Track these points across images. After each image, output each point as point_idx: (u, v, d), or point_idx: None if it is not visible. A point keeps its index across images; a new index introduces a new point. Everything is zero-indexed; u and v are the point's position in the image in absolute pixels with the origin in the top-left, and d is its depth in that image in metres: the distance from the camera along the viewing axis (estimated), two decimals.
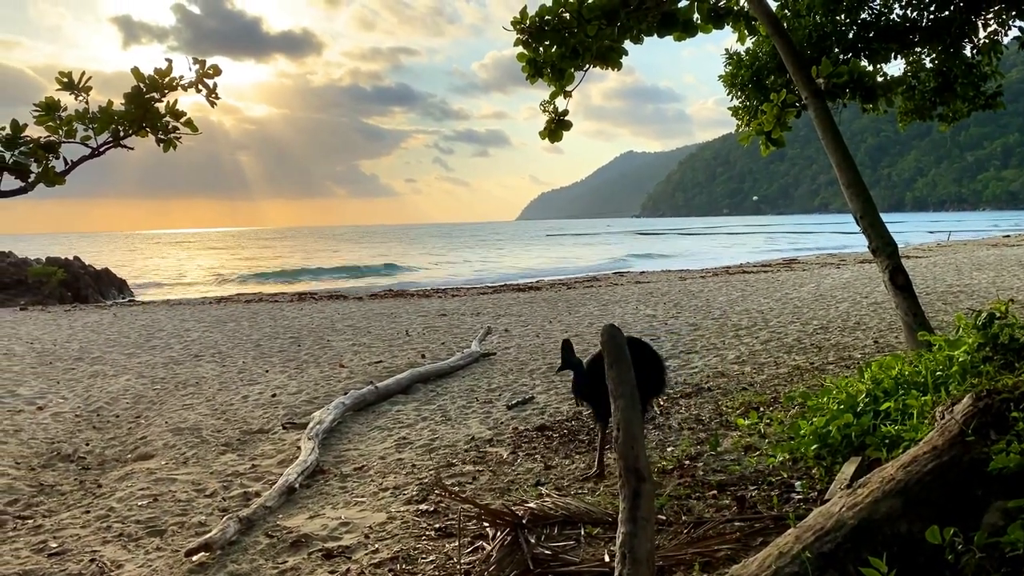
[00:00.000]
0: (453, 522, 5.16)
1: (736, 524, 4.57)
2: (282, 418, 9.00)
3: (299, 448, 7.50)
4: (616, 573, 3.30)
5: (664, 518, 4.76)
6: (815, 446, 5.45)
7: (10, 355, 14.69)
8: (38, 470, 7.61)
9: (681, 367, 10.49)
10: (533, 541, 4.41)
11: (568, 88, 9.67)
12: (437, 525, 5.19)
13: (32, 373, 12.75)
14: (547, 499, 5.08)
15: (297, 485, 6.31)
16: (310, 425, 7.99)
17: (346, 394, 9.52)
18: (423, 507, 5.60)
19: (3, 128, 5.71)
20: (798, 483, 5.10)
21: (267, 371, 12.29)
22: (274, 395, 10.35)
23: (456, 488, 5.96)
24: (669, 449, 6.43)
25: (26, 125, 5.83)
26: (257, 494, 6.32)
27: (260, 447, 7.95)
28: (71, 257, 34.05)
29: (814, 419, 5.70)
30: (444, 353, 13.02)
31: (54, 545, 5.50)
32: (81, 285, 31.08)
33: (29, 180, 6.03)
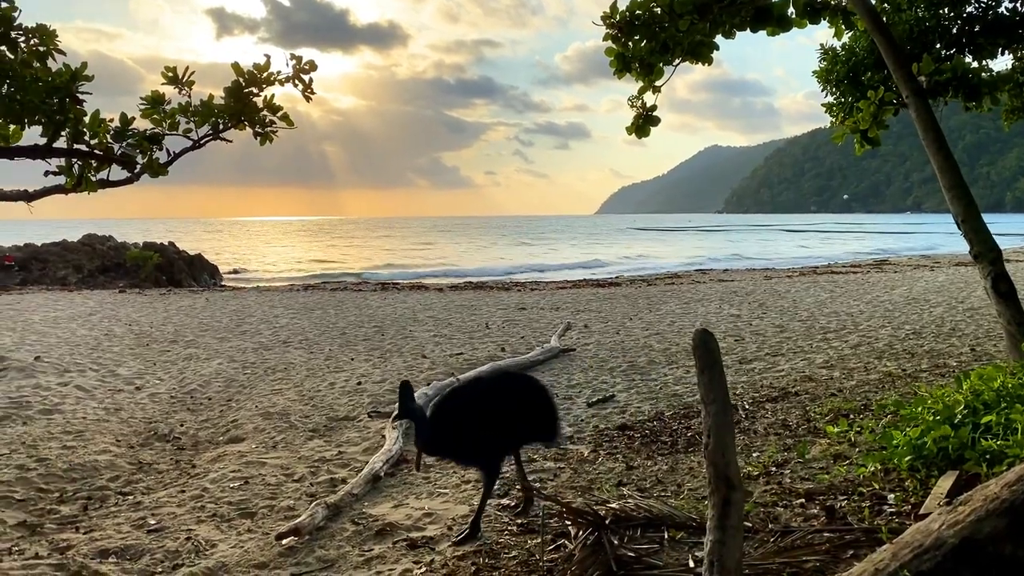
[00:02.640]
0: (534, 518, 5.19)
1: (825, 535, 4.46)
2: (367, 406, 9.19)
3: (383, 436, 7.64)
4: None
5: (750, 525, 4.68)
6: (909, 457, 5.28)
7: (111, 336, 15.40)
8: (137, 448, 7.97)
9: (766, 370, 10.29)
10: (616, 542, 4.40)
11: (657, 83, 9.56)
12: (519, 521, 5.22)
13: (131, 354, 13.33)
14: (629, 500, 5.05)
15: (382, 474, 6.44)
16: (394, 414, 8.12)
17: (428, 384, 9.66)
18: (505, 502, 5.65)
19: (112, 120, 6.00)
20: (891, 495, 4.94)
21: (352, 359, 12.56)
22: (359, 383, 10.58)
23: (537, 484, 5.99)
24: (755, 455, 6.32)
25: (134, 118, 6.10)
26: (343, 480, 6.47)
27: (346, 434, 8.15)
28: (166, 242, 35.42)
29: (908, 429, 5.53)
30: (523, 347, 13.08)
31: (153, 522, 5.75)
32: (175, 270, 32.31)
33: (135, 171, 6.32)
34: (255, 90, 6.35)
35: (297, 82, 6.42)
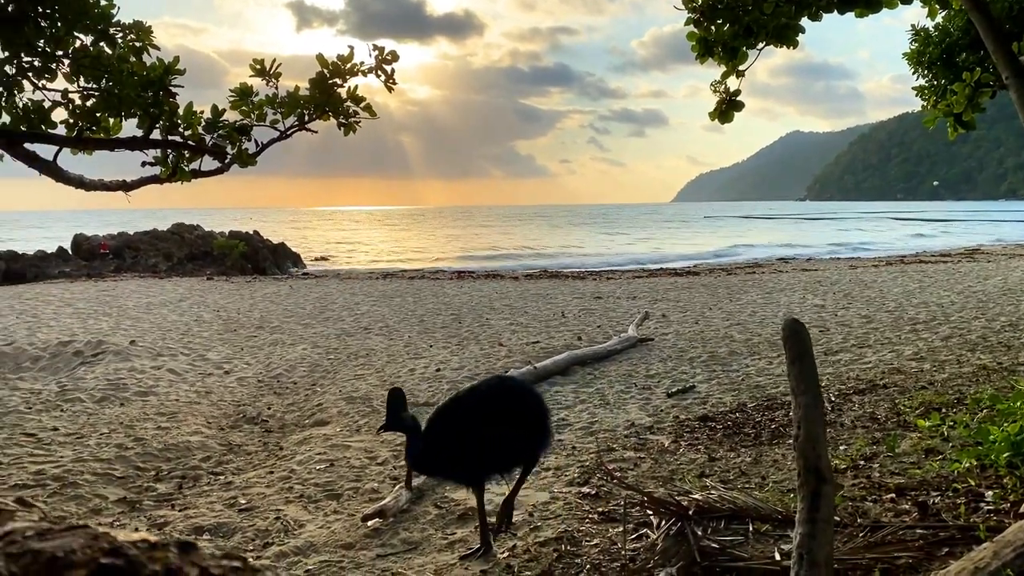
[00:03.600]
0: (615, 507, 5.18)
1: (918, 531, 4.32)
2: (446, 392, 9.29)
3: None
4: (792, 574, 3.21)
5: (838, 519, 4.58)
6: (1007, 454, 5.08)
7: (200, 321, 15.96)
8: (227, 430, 8.25)
9: (853, 361, 10.01)
10: (699, 533, 4.36)
11: (741, 68, 9.36)
12: (600, 509, 5.22)
13: (219, 339, 13.79)
14: (712, 491, 4.99)
15: None
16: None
17: (506, 372, 9.71)
18: (585, 490, 5.65)
19: (202, 112, 6.20)
20: (988, 492, 4.76)
21: (431, 346, 12.73)
22: (438, 370, 10.71)
23: (618, 474, 5.98)
24: (842, 448, 6.16)
25: (224, 110, 6.29)
26: None
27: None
28: (251, 231, 36.45)
29: (1006, 424, 5.31)
30: (600, 336, 13.03)
31: (243, 501, 5.95)
32: (260, 258, 33.23)
33: (225, 161, 6.52)
34: (339, 81, 6.46)
35: (379, 72, 6.50)
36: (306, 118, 6.55)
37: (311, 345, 13.09)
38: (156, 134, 6.13)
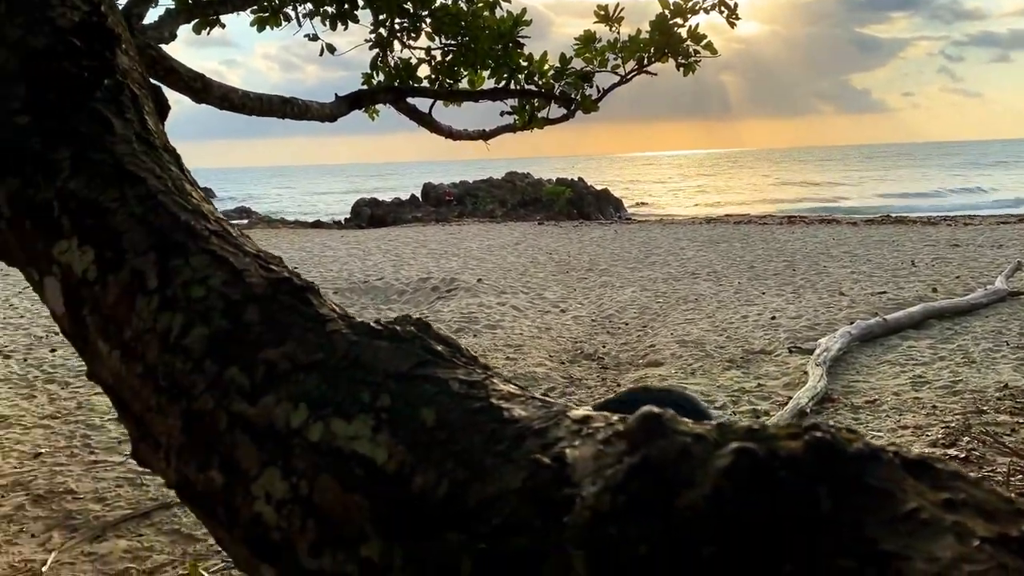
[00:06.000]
0: (991, 472, 4.70)
1: None
2: (784, 341, 8.97)
3: (804, 373, 7.41)
4: None
5: None
6: None
7: (535, 263, 16.91)
8: (567, 364, 8.70)
9: None
10: None
11: None
12: (970, 473, 4.73)
13: (553, 280, 14.52)
14: None
15: (808, 410, 6.27)
16: (816, 351, 7.83)
17: (851, 323, 9.12)
18: (952, 452, 5.17)
19: (549, 61, 6.43)
20: None
21: (763, 293, 12.32)
22: (773, 318, 10.35)
23: (990, 438, 5.38)
24: None
25: (571, 58, 6.47)
26: (766, 413, 6.44)
27: (763, 367, 8.06)
28: (575, 178, 37.71)
29: None
30: (960, 288, 11.72)
31: None
32: (584, 203, 34.31)
33: (571, 108, 6.74)
34: (680, 20, 6.35)
35: (723, 8, 6.28)
36: (645, 61, 6.54)
37: (639, 288, 13.29)
38: (509, 85, 6.47)
